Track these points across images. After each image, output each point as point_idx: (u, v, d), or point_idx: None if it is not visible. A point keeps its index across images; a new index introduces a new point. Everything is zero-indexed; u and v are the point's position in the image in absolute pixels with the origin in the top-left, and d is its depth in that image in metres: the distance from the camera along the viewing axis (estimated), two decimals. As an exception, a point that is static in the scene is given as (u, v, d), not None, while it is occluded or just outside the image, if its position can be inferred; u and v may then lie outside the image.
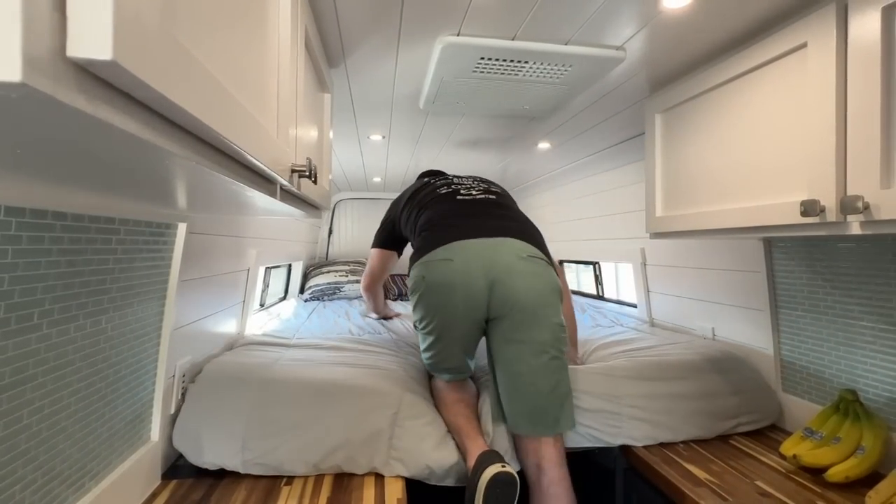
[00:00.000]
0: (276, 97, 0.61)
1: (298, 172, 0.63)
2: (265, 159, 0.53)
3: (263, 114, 0.57)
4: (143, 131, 0.30)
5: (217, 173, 0.44)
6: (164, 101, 0.28)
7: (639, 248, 1.94)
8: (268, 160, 0.54)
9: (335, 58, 1.05)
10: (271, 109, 0.60)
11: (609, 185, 2.11)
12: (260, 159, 0.51)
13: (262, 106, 0.57)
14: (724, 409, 1.25)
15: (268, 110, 0.59)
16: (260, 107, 0.56)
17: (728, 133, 1.01)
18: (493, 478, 0.93)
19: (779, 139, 0.88)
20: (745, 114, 0.96)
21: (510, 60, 1.04)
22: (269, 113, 0.59)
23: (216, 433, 1.03)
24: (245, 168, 0.52)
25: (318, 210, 1.05)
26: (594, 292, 2.64)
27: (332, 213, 3.40)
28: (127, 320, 0.89)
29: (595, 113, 1.44)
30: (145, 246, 0.91)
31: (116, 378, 0.87)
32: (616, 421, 1.19)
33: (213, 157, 0.43)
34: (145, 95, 0.28)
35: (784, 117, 0.87)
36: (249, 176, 0.54)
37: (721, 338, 1.55)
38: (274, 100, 0.61)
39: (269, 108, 0.60)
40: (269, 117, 0.59)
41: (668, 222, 1.20)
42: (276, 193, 0.65)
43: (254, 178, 0.56)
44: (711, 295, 1.59)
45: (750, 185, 0.95)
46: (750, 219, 0.93)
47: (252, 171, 0.55)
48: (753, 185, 0.94)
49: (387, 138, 1.77)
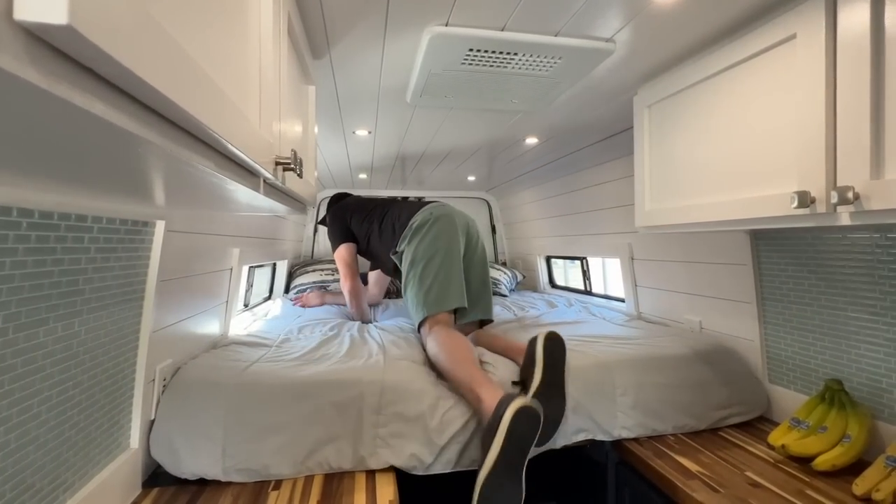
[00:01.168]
0: (258, 85, 0.58)
1: (283, 165, 0.60)
2: (247, 150, 0.50)
3: (245, 102, 0.54)
4: (110, 113, 0.27)
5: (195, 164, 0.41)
6: (132, 77, 0.25)
7: (626, 242, 1.94)
8: (250, 151, 0.51)
9: (319, 48, 1.01)
10: (253, 98, 0.57)
11: (597, 181, 2.11)
12: (242, 149, 0.48)
13: (244, 93, 0.54)
14: (715, 400, 1.26)
15: (249, 98, 0.56)
16: (241, 94, 0.53)
17: (717, 126, 1.01)
18: (520, 409, 0.93)
19: (768, 131, 0.88)
20: (733, 106, 0.96)
21: (499, 52, 1.02)
22: (251, 101, 0.56)
23: (193, 440, 1.00)
24: (225, 159, 0.49)
25: (303, 206, 1.02)
26: (582, 287, 2.66)
27: (317, 210, 3.34)
28: (102, 323, 0.85)
29: (583, 107, 1.43)
30: (121, 245, 0.87)
31: (92, 384, 0.83)
32: (609, 409, 1.19)
33: (190, 146, 0.40)
34: (111, 71, 0.25)
35: (773, 109, 0.87)
36: (230, 167, 0.51)
37: (708, 330, 1.56)
38: (256, 88, 0.58)
39: (250, 96, 0.56)
40: (250, 106, 0.56)
41: (657, 216, 1.20)
42: (259, 187, 0.62)
43: (235, 171, 0.53)
44: (698, 288, 1.60)
45: (739, 178, 0.95)
46: (739, 211, 0.93)
47: (233, 163, 0.52)
48: (742, 178, 0.94)
49: (373, 134, 1.74)
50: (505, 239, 3.60)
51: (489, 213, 3.62)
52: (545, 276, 3.03)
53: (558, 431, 1.14)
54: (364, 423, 1.06)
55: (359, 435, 1.05)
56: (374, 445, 1.05)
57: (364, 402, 1.07)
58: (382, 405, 1.08)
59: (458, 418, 1.09)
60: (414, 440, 1.06)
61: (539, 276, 3.03)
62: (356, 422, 1.05)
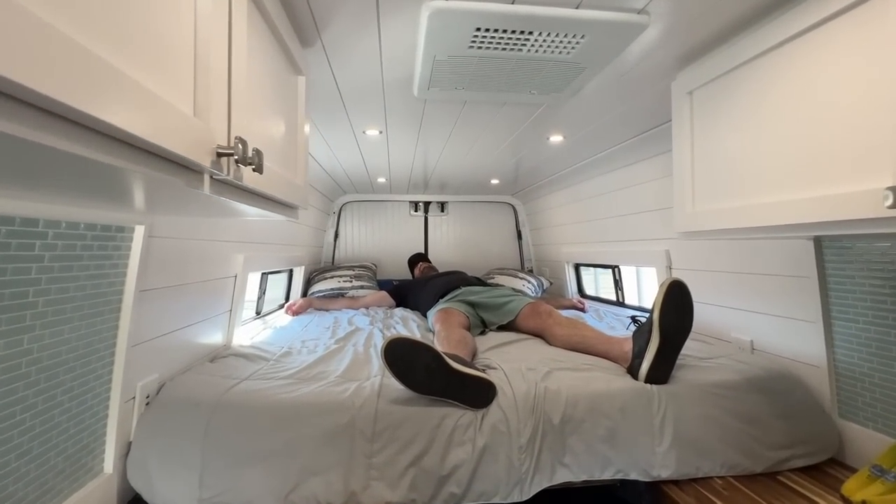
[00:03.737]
0: (191, 68, 0.47)
1: (228, 156, 0.49)
2: (161, 137, 0.39)
3: (168, 85, 0.43)
4: None
5: (69, 150, 0.31)
6: None
7: (663, 250, 1.75)
8: (169, 138, 0.41)
9: (308, 34, 0.91)
10: (183, 82, 0.46)
11: (630, 182, 1.93)
12: (150, 136, 0.37)
13: (165, 77, 0.43)
14: (774, 437, 1.06)
15: (176, 82, 0.45)
16: (160, 76, 0.42)
17: (779, 110, 0.83)
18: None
19: (851, 113, 0.70)
20: (801, 84, 0.78)
21: (511, 31, 0.88)
22: (179, 86, 0.46)
23: (169, 466, 0.90)
24: (133, 149, 0.38)
25: (289, 209, 0.91)
26: (614, 298, 2.45)
27: (337, 216, 3.29)
28: (64, 338, 0.77)
29: (613, 98, 1.27)
30: (87, 252, 0.79)
31: (49, 406, 0.75)
32: (647, 443, 1.02)
33: (69, 134, 0.30)
34: None
35: (858, 84, 0.69)
36: (145, 160, 0.40)
37: (762, 351, 1.35)
38: (188, 71, 0.47)
39: (180, 79, 0.46)
40: (177, 90, 0.45)
41: (703, 219, 1.03)
42: (202, 184, 0.51)
43: (154, 163, 0.42)
44: (749, 303, 1.39)
45: (809, 172, 0.77)
46: (808, 213, 0.75)
47: (151, 154, 0.42)
48: (813, 172, 0.76)
49: (384, 133, 1.63)
50: (532, 245, 3.43)
51: (515, 217, 3.46)
52: (574, 285, 2.84)
53: (581, 465, 0.99)
54: (356, 452, 0.93)
55: (350, 466, 0.93)
56: (368, 478, 0.93)
57: (356, 428, 0.95)
58: (377, 432, 0.95)
59: (464, 443, 0.96)
60: (412, 470, 0.93)
61: (567, 284, 2.84)
62: (347, 451, 0.93)
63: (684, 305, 1.13)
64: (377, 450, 0.94)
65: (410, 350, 1.03)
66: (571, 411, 1.04)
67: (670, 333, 1.10)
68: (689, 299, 1.14)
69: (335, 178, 2.51)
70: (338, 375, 1.15)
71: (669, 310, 1.11)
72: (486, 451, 0.97)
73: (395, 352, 1.02)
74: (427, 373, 1.01)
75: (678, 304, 1.12)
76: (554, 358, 1.28)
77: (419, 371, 1.01)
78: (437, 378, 1.01)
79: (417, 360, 1.02)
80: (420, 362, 1.01)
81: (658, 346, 1.10)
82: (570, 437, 1.01)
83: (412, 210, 3.37)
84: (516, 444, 0.99)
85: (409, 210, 3.37)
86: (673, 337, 1.11)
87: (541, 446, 1.00)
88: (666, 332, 1.10)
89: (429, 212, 3.40)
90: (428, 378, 1.01)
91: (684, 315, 1.13)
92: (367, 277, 2.79)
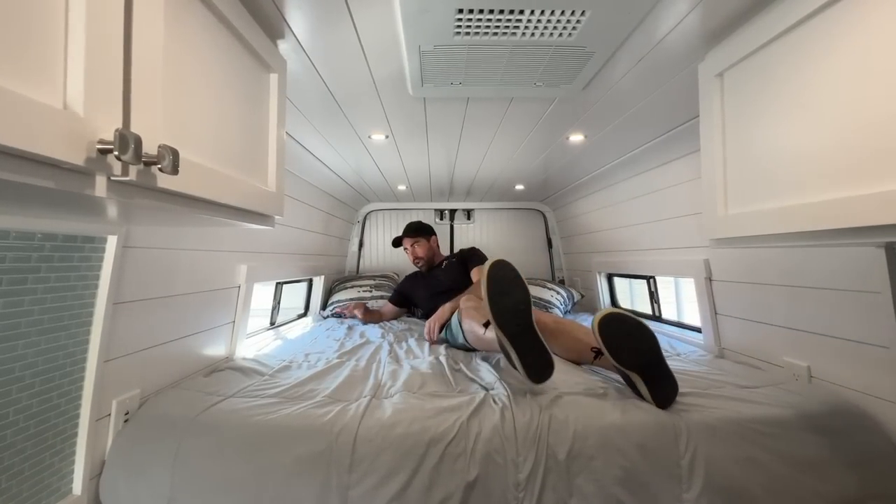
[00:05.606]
0: (62, 55, 0.40)
1: (107, 151, 0.41)
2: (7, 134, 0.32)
3: (17, 74, 0.36)
4: None
5: None
6: None
7: (702, 259, 1.55)
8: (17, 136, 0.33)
9: (274, 24, 0.84)
10: (48, 69, 0.39)
11: (662, 184, 1.74)
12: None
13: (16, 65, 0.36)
14: (838, 487, 0.87)
15: (38, 70, 0.38)
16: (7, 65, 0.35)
17: (832, 88, 0.67)
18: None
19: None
20: (862, 50, 0.62)
21: (499, 11, 0.78)
22: (40, 74, 0.39)
23: (137, 491, 0.85)
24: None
25: (261, 217, 0.84)
26: (650, 312, 2.24)
27: (362, 225, 3.26)
28: (17, 354, 0.73)
29: (633, 90, 1.12)
30: (45, 263, 0.75)
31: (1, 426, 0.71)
32: (672, 490, 0.86)
33: None
34: None
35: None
36: None
37: (821, 380, 1.14)
38: (58, 58, 0.40)
39: (40, 67, 0.39)
40: (37, 79, 0.38)
41: (740, 223, 0.86)
42: (94, 186, 0.44)
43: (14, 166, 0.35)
44: (805, 322, 1.18)
45: (874, 164, 0.60)
46: (878, 214, 0.59)
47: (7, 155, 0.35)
48: (881, 164, 0.59)
49: (390, 138, 1.56)
50: (562, 254, 3.24)
51: (545, 225, 3.29)
52: (606, 297, 2.63)
53: None
54: (331, 483, 0.84)
55: (324, 499, 0.83)
56: None
57: (332, 456, 0.86)
58: (355, 461, 0.86)
59: (454, 474, 0.84)
60: None
61: (599, 296, 2.64)
62: (322, 482, 0.84)
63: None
64: (355, 481, 0.85)
65: (512, 280, 1.06)
66: (581, 446, 0.89)
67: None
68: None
69: (354, 187, 2.47)
70: (326, 395, 1.06)
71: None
72: (478, 485, 0.85)
73: (499, 272, 1.06)
74: (514, 310, 1.03)
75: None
76: (564, 379, 1.13)
77: (509, 303, 1.03)
78: (520, 320, 1.02)
79: (513, 293, 1.04)
80: (514, 296, 1.04)
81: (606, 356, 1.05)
82: (577, 476, 0.87)
83: (437, 218, 3.29)
84: (513, 479, 0.86)
85: (435, 218, 3.29)
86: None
87: (543, 484, 0.86)
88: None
89: (454, 220, 3.30)
90: (513, 316, 1.02)
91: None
92: (388, 287, 2.73)
